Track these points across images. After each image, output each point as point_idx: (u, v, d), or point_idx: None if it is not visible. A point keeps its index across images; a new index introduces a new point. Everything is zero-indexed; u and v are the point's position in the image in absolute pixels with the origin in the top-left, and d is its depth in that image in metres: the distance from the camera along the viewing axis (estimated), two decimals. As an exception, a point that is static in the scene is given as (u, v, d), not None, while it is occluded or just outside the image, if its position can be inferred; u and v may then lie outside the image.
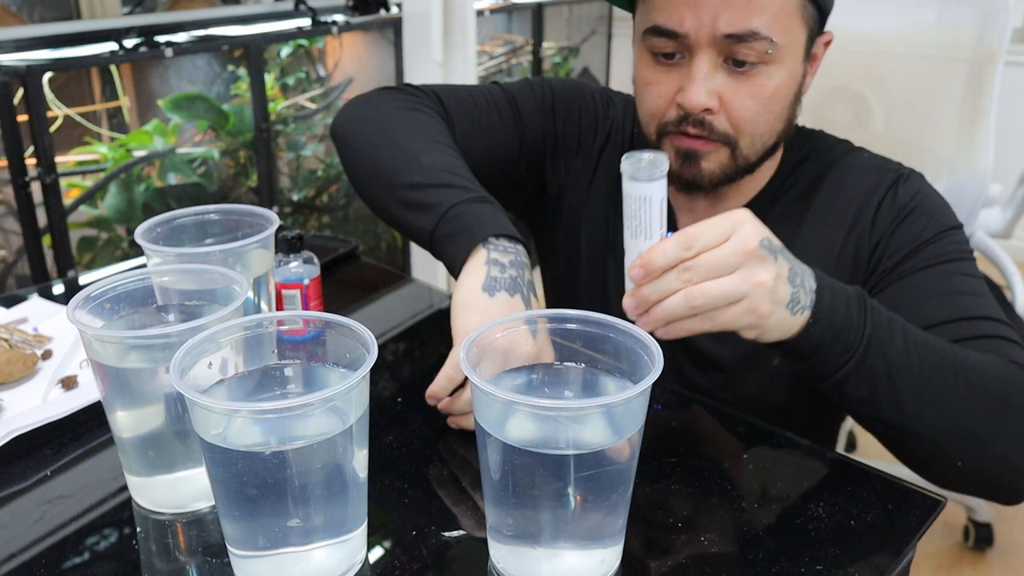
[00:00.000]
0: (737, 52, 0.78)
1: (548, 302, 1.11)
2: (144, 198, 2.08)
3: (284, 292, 0.89)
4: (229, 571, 0.58)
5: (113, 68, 2.11)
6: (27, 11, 2.14)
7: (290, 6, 2.38)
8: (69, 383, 0.80)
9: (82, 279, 1.15)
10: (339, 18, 2.35)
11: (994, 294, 0.89)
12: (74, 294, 0.62)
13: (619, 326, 0.58)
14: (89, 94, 2.12)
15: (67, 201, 1.87)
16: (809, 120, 0.96)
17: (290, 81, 2.46)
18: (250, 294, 0.70)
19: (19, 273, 1.95)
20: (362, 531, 0.58)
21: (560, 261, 1.03)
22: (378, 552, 0.61)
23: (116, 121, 2.17)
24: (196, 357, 0.55)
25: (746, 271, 0.62)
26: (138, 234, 0.74)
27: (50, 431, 0.74)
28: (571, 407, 0.54)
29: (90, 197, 2.03)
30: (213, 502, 0.58)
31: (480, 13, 2.77)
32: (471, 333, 0.57)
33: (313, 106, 2.51)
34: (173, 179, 2.16)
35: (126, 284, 0.66)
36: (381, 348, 0.92)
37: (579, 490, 0.53)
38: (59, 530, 0.63)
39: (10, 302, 0.98)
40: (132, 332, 0.62)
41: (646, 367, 0.55)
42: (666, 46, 0.81)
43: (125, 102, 2.17)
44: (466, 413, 0.74)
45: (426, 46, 2.38)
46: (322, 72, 2.57)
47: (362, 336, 0.56)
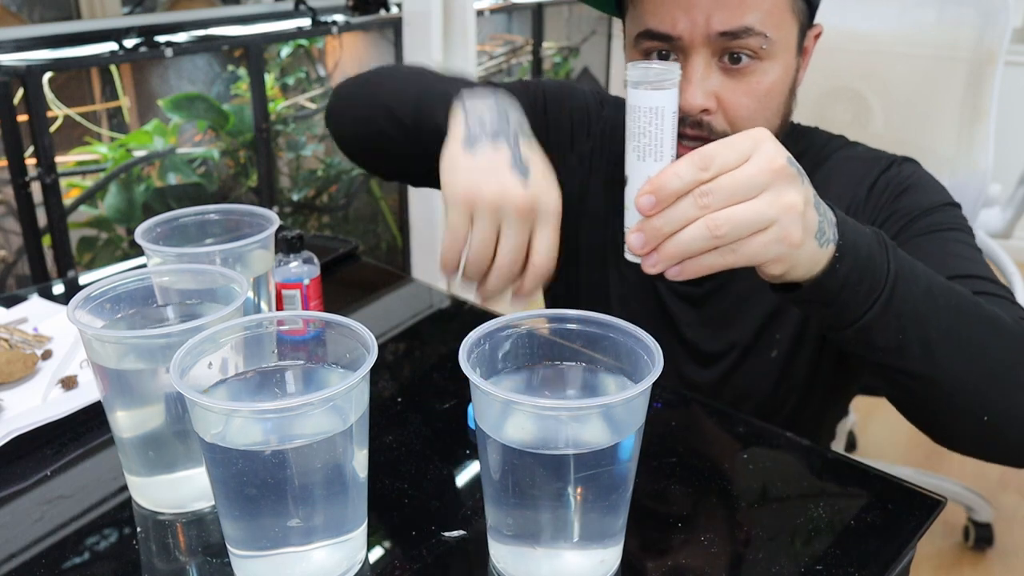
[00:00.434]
0: (731, 48, 0.78)
1: (547, 305, 1.11)
2: (144, 198, 2.08)
3: (284, 292, 0.89)
4: (229, 571, 0.58)
5: (113, 68, 2.11)
6: (27, 11, 2.14)
7: (290, 6, 2.38)
8: (69, 383, 0.80)
9: (82, 279, 1.15)
10: (339, 18, 2.35)
11: None
12: (74, 294, 0.62)
13: (619, 326, 0.58)
14: (89, 94, 2.12)
15: (67, 201, 1.87)
16: (809, 120, 0.96)
17: (290, 81, 2.46)
18: (250, 294, 0.70)
19: (19, 273, 1.95)
20: (362, 531, 0.58)
21: (558, 264, 1.03)
22: (378, 552, 0.61)
23: (116, 121, 2.17)
24: (196, 357, 0.55)
25: (774, 193, 0.54)
26: (138, 234, 0.74)
27: (50, 431, 0.74)
28: (571, 407, 0.54)
29: (90, 197, 2.03)
30: (213, 502, 0.58)
31: (480, 13, 2.77)
32: (472, 333, 0.57)
33: (313, 106, 2.51)
34: (173, 179, 2.16)
35: (126, 284, 0.66)
36: (381, 348, 0.91)
37: (579, 490, 0.53)
38: (59, 530, 0.63)
39: (10, 302, 0.98)
40: (132, 332, 0.62)
41: (646, 367, 0.55)
42: (659, 48, 0.81)
43: (125, 102, 2.17)
44: (500, 291, 0.68)
45: (426, 46, 2.38)
46: (322, 72, 2.57)
47: (362, 336, 0.56)
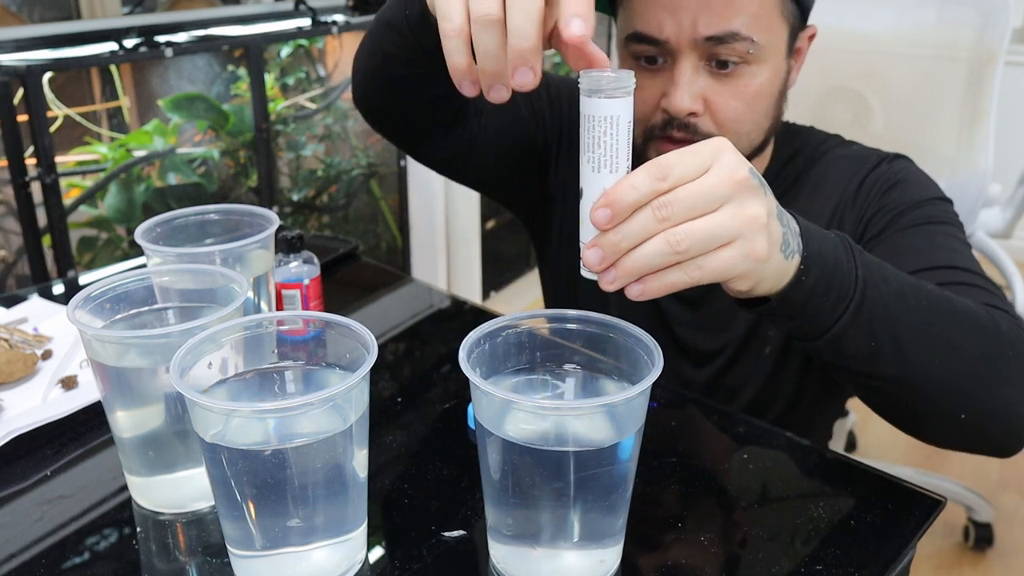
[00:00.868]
0: (719, 53, 0.78)
1: (547, 303, 1.11)
2: (144, 198, 2.08)
3: (284, 292, 0.89)
4: (229, 571, 0.58)
5: (113, 68, 2.11)
6: (27, 11, 2.14)
7: (290, 6, 2.38)
8: (69, 383, 0.80)
9: (82, 279, 1.15)
10: (339, 18, 2.35)
11: None
12: (74, 294, 0.62)
13: (619, 326, 0.58)
14: (89, 94, 2.12)
15: (67, 201, 1.87)
16: (809, 120, 0.97)
17: (290, 81, 2.46)
18: (250, 294, 0.70)
19: (19, 273, 1.95)
20: (362, 531, 0.59)
21: (560, 262, 1.03)
22: (378, 552, 0.61)
23: (116, 121, 2.17)
24: (196, 357, 0.55)
25: (736, 205, 0.52)
26: (138, 234, 0.74)
27: (50, 431, 0.74)
28: (571, 407, 0.54)
29: (90, 197, 2.03)
30: (213, 502, 0.58)
31: (480, 13, 2.76)
32: (472, 333, 0.57)
33: (313, 106, 2.51)
34: (173, 179, 2.16)
35: (126, 284, 0.66)
36: (381, 348, 0.92)
37: (579, 490, 0.53)
38: (59, 530, 0.63)
39: (10, 302, 0.98)
40: (132, 332, 0.62)
41: (646, 367, 0.55)
42: (648, 51, 0.81)
43: (125, 102, 2.17)
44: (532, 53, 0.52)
45: (426, 46, 2.38)
46: (322, 72, 2.57)
47: (362, 336, 0.56)
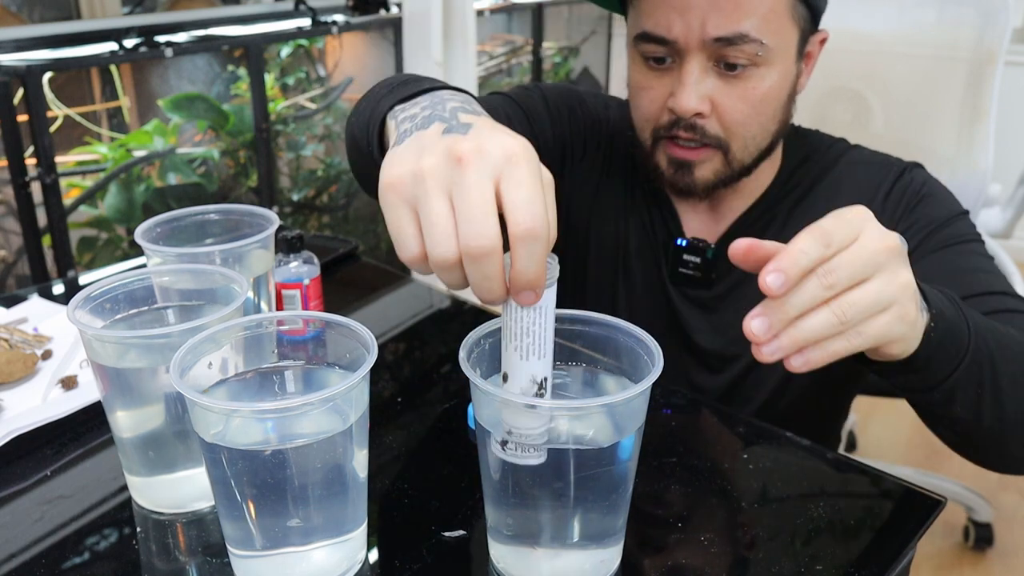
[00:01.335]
0: (727, 55, 0.78)
1: None
2: (144, 198, 2.08)
3: (284, 292, 0.89)
4: (229, 571, 0.58)
5: (113, 68, 2.11)
6: (27, 11, 2.14)
7: (290, 6, 2.38)
8: (69, 383, 0.80)
9: (82, 279, 1.15)
10: (339, 18, 2.35)
11: None
12: (74, 294, 0.62)
13: (619, 326, 0.58)
14: (89, 94, 2.12)
15: (67, 201, 1.87)
16: (809, 120, 0.97)
17: (290, 81, 2.46)
18: (250, 294, 0.70)
19: (19, 273, 1.95)
20: (362, 531, 0.58)
21: (567, 270, 1.02)
22: (378, 552, 0.61)
23: (116, 121, 2.17)
24: (196, 357, 0.55)
25: (890, 272, 0.53)
26: (138, 234, 0.74)
27: (50, 431, 0.74)
28: (571, 407, 0.54)
29: (90, 197, 2.03)
30: (213, 502, 0.58)
31: (480, 13, 2.77)
32: (472, 333, 0.57)
33: (313, 106, 2.51)
34: (173, 179, 2.16)
35: (126, 284, 0.66)
36: (381, 348, 0.91)
37: (579, 490, 0.53)
38: (59, 530, 0.63)
39: (10, 302, 0.98)
40: (132, 332, 0.62)
41: (646, 367, 0.55)
42: (656, 51, 0.81)
43: (125, 102, 2.17)
44: (488, 272, 0.47)
45: (426, 46, 2.38)
46: (322, 72, 2.57)
47: (362, 336, 0.56)
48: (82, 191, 2.02)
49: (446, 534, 0.62)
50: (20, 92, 1.68)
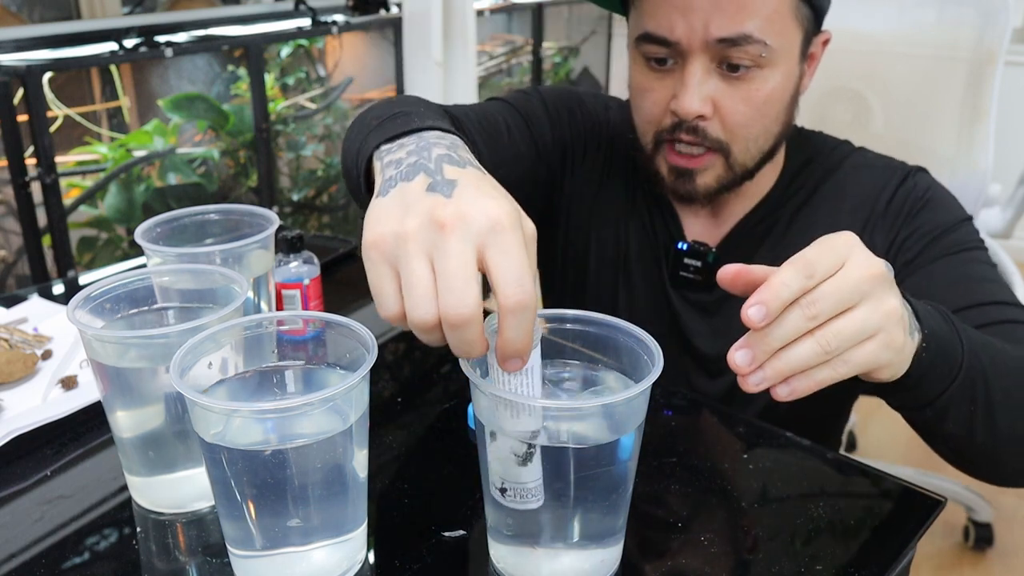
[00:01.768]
0: (730, 56, 0.77)
1: (547, 307, 1.10)
2: (144, 198, 2.08)
3: (284, 292, 0.89)
4: (229, 571, 0.58)
5: (113, 68, 2.11)
6: (27, 11, 2.14)
7: (290, 6, 2.38)
8: (69, 383, 0.80)
9: (82, 279, 1.15)
10: (339, 18, 2.35)
11: None
12: (74, 294, 0.62)
13: (619, 326, 0.58)
14: (89, 94, 2.12)
15: (67, 201, 1.87)
16: (809, 120, 0.97)
17: (290, 81, 2.46)
18: (250, 294, 0.70)
19: (19, 273, 1.95)
20: (362, 531, 0.58)
21: (568, 273, 1.02)
22: (378, 552, 0.61)
23: (116, 121, 2.17)
24: (196, 357, 0.55)
25: (875, 299, 0.53)
26: (138, 234, 0.74)
27: (50, 431, 0.74)
28: (570, 407, 0.54)
29: (90, 197, 2.03)
30: (213, 502, 0.58)
31: (480, 13, 2.77)
32: None
33: (313, 106, 2.52)
34: (173, 179, 2.16)
35: (126, 284, 0.66)
36: (381, 348, 0.91)
37: (579, 490, 0.53)
38: (59, 530, 0.63)
39: (10, 302, 0.98)
40: (132, 332, 0.62)
41: (646, 367, 0.55)
42: (658, 52, 0.80)
43: (125, 102, 2.17)
44: (468, 337, 0.48)
45: (426, 46, 2.38)
46: (322, 72, 2.58)
47: (362, 336, 0.56)
48: (82, 191, 2.02)
49: (446, 534, 0.62)
50: (20, 92, 1.69)
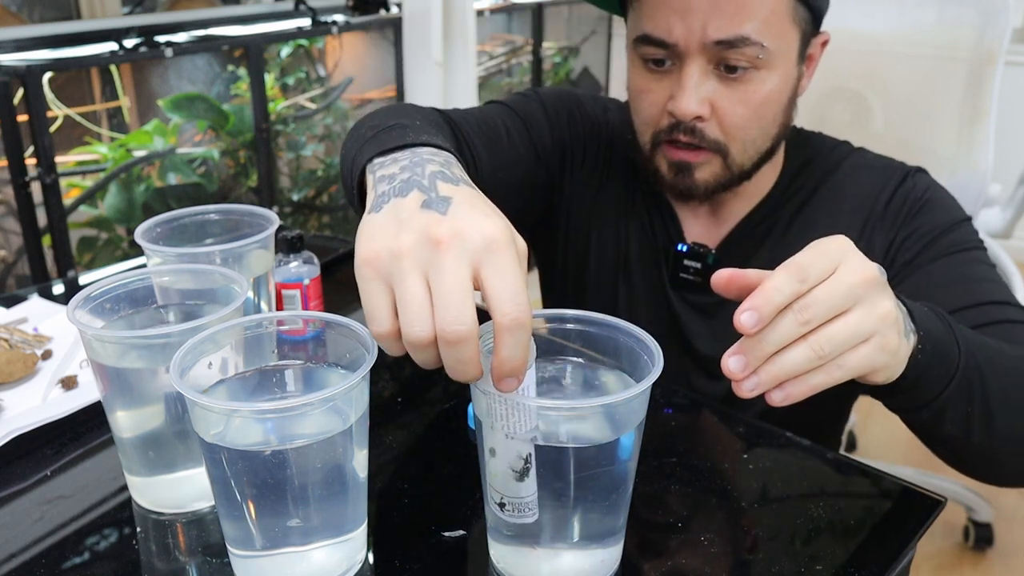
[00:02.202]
0: (728, 58, 0.77)
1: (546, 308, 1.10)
2: (144, 198, 2.08)
3: (284, 292, 0.89)
4: (229, 571, 0.58)
5: (113, 68, 2.11)
6: (27, 11, 2.14)
7: (290, 6, 2.38)
8: (69, 383, 0.80)
9: (82, 279, 1.15)
10: (339, 18, 2.35)
11: None
12: (74, 294, 0.62)
13: (619, 326, 0.58)
14: (89, 94, 2.12)
15: (67, 201, 1.87)
16: (809, 120, 0.97)
17: (290, 81, 2.46)
18: (250, 294, 0.70)
19: (19, 273, 1.95)
20: (362, 531, 0.58)
21: (568, 275, 1.02)
22: (378, 552, 0.61)
23: (116, 121, 2.17)
24: (196, 357, 0.55)
25: (869, 303, 0.53)
26: (138, 234, 0.74)
27: (50, 431, 0.74)
28: (570, 407, 0.54)
29: (90, 197, 2.03)
30: (213, 502, 0.58)
31: (480, 13, 2.77)
32: None
33: (313, 106, 2.52)
34: (173, 179, 2.16)
35: (126, 284, 0.66)
36: (381, 348, 0.91)
37: (579, 489, 0.53)
38: (59, 530, 0.63)
39: (10, 302, 0.98)
40: (132, 332, 0.62)
41: (646, 367, 0.55)
42: (656, 54, 0.80)
43: (125, 102, 2.17)
44: (465, 357, 0.47)
45: (426, 46, 2.38)
46: (322, 72, 2.58)
47: (362, 336, 0.56)
48: (82, 191, 2.02)
49: (446, 534, 0.62)
50: (20, 92, 1.69)
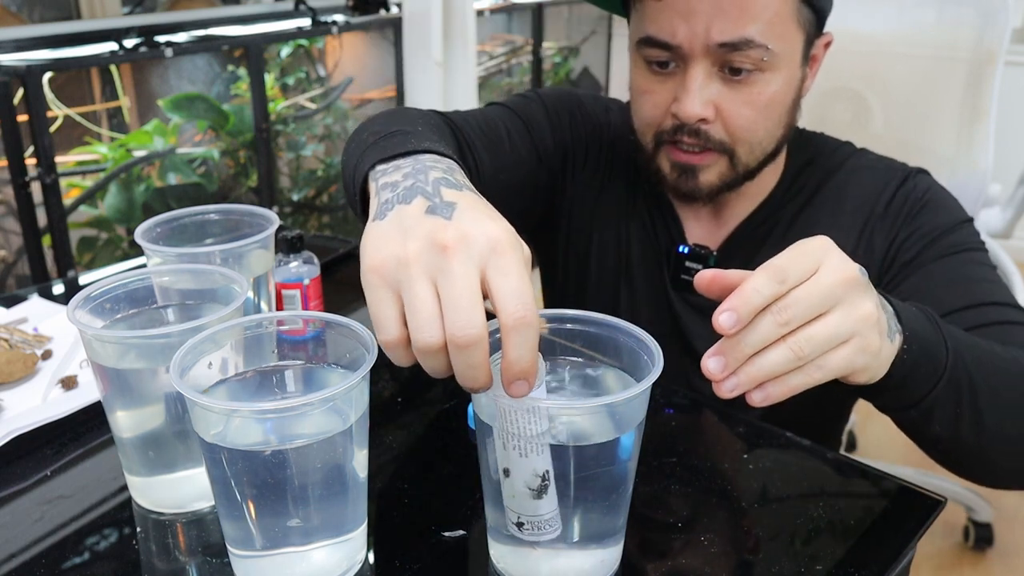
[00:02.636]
0: (732, 60, 0.77)
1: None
2: (144, 198, 2.08)
3: (284, 292, 0.89)
4: (229, 571, 0.58)
5: (113, 68, 2.11)
6: (27, 11, 2.14)
7: (290, 6, 2.38)
8: (69, 383, 0.80)
9: (82, 279, 1.15)
10: (339, 18, 2.35)
11: None
12: (74, 294, 0.62)
13: (619, 326, 0.58)
14: (89, 94, 2.12)
15: (67, 201, 1.87)
16: (809, 120, 0.96)
17: (290, 81, 2.46)
18: (250, 294, 0.70)
19: (19, 273, 1.95)
20: (362, 531, 0.59)
21: (569, 276, 1.01)
22: (378, 552, 0.61)
23: (116, 121, 2.17)
24: (196, 357, 0.55)
25: (849, 304, 0.53)
26: (138, 234, 0.74)
27: (50, 431, 0.74)
28: (570, 407, 0.54)
29: (90, 197, 2.03)
30: (213, 502, 0.58)
31: (480, 13, 2.77)
32: None
33: (313, 106, 2.52)
34: (173, 179, 2.16)
35: (126, 284, 0.66)
36: (389, 358, 0.91)
37: (579, 489, 0.53)
38: (59, 530, 0.63)
39: (10, 302, 0.98)
40: (132, 332, 0.62)
41: (646, 367, 0.55)
42: (660, 56, 0.80)
43: (125, 102, 2.17)
44: (474, 362, 0.47)
45: (426, 46, 2.38)
46: (322, 72, 2.58)
47: (362, 336, 0.56)
48: (82, 191, 2.02)
49: (446, 534, 0.62)
50: (20, 92, 1.69)
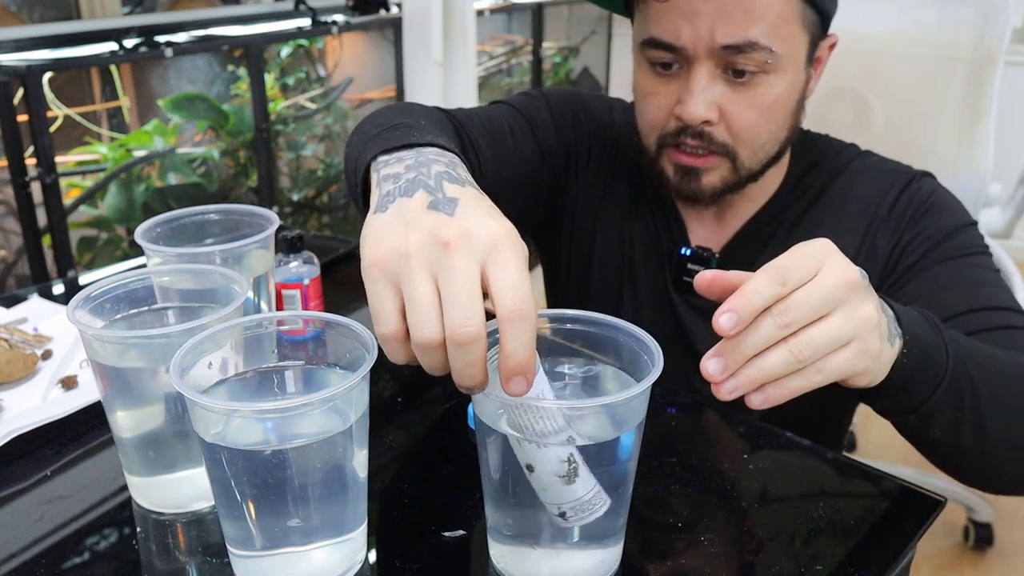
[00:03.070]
0: (736, 63, 0.77)
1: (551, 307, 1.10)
2: (144, 198, 2.08)
3: (284, 292, 0.89)
4: (229, 571, 0.58)
5: (113, 68, 2.11)
6: (27, 11, 2.14)
7: (290, 6, 2.38)
8: (69, 383, 0.80)
9: (82, 279, 1.15)
10: (339, 18, 2.35)
11: None
12: (74, 294, 0.62)
13: (619, 326, 0.58)
14: (89, 94, 2.12)
15: (67, 201, 1.87)
16: (810, 120, 0.96)
17: (290, 81, 2.46)
18: (250, 294, 0.70)
19: (19, 273, 1.95)
20: (362, 531, 0.59)
21: (572, 276, 1.01)
22: (378, 552, 0.61)
23: (116, 121, 2.17)
24: (196, 357, 0.55)
25: (849, 307, 0.53)
26: (138, 234, 0.74)
27: (50, 431, 0.74)
28: (570, 407, 0.54)
29: (90, 197, 2.03)
30: (213, 502, 0.58)
31: (480, 13, 2.77)
32: None
33: (313, 106, 2.52)
34: (173, 179, 2.16)
35: (126, 284, 0.66)
36: (386, 353, 0.91)
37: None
38: (59, 530, 0.63)
39: (10, 302, 0.98)
40: (132, 332, 0.62)
41: (646, 367, 0.55)
42: (663, 57, 0.80)
43: (125, 102, 2.17)
44: (472, 360, 0.47)
45: (426, 46, 2.38)
46: (322, 72, 2.58)
47: (362, 336, 0.56)
48: (82, 191, 2.02)
49: (446, 534, 0.62)
50: (20, 92, 1.69)
